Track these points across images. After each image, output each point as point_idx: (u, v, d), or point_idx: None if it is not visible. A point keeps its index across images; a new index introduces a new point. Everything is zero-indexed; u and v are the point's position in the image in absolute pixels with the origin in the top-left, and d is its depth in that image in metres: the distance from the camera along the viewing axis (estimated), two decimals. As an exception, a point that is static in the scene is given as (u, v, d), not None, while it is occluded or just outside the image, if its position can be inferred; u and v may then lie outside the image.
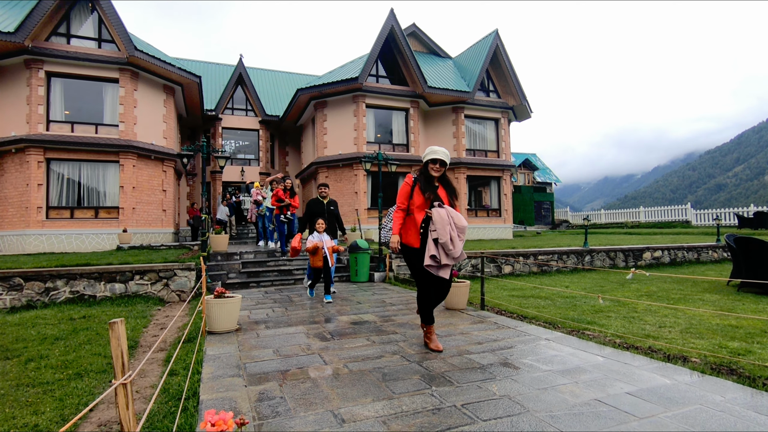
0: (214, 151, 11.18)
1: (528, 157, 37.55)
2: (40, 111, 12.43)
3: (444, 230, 3.57)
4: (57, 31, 12.86)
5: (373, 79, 16.87)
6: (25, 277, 6.87)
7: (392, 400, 2.75)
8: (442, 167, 3.83)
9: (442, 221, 3.60)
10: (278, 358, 3.74)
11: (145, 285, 7.44)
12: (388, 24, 16.20)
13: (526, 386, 2.96)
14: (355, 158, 15.84)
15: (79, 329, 5.10)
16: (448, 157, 3.84)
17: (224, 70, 23.75)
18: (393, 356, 3.73)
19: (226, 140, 21.48)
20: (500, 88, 19.14)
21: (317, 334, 4.60)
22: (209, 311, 4.69)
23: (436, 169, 3.82)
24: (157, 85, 14.39)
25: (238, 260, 9.47)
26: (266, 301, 6.75)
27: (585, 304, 6.16)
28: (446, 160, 3.82)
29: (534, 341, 4.18)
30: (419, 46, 21.06)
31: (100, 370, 3.63)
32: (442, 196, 3.82)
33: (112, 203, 13.22)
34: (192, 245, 12.00)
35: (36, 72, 12.38)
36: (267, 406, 2.71)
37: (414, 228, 3.77)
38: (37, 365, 3.79)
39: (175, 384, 3.19)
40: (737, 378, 3.12)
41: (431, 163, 3.83)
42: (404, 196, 3.86)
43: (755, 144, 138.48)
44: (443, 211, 3.66)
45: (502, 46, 18.19)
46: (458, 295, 5.80)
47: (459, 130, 17.95)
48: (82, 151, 12.77)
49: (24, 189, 12.23)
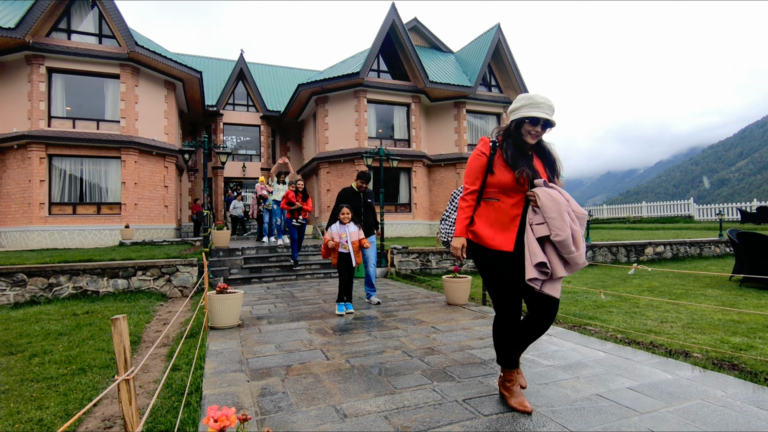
0: (215, 147, 11.18)
1: (530, 152, 37.48)
2: (41, 107, 12.43)
3: (561, 222, 2.26)
4: (58, 26, 12.83)
5: (375, 74, 16.81)
6: (29, 273, 6.90)
7: (394, 395, 2.76)
8: (543, 131, 2.44)
9: (558, 208, 2.28)
10: (280, 354, 3.75)
11: (148, 281, 7.47)
12: (390, 18, 16.11)
13: (528, 381, 2.96)
14: (357, 153, 15.81)
15: (82, 325, 5.12)
16: (553, 113, 2.38)
17: (225, 66, 23.68)
18: (395, 351, 3.74)
19: (227, 136, 21.46)
20: (502, 83, 19.05)
21: (319, 329, 4.61)
22: (211, 307, 4.70)
23: (535, 133, 2.41)
24: (158, 80, 14.36)
25: (240, 256, 9.49)
26: (268, 297, 6.77)
27: (587, 300, 6.16)
28: (552, 118, 2.38)
29: (535, 336, 4.18)
30: (421, 40, 20.96)
31: (103, 365, 3.65)
32: (540, 170, 2.47)
33: (114, 199, 13.25)
34: (194, 241, 12.03)
35: (37, 68, 12.37)
36: (269, 401, 2.72)
37: (499, 221, 2.45)
38: (41, 360, 3.81)
39: (177, 379, 3.21)
40: (739, 373, 3.12)
41: (529, 123, 2.39)
42: (477, 171, 2.51)
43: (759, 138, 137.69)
44: (554, 192, 2.34)
45: (504, 40, 18.08)
46: (460, 290, 5.80)
47: (461, 125, 17.89)
48: (84, 147, 12.77)
49: (26, 185, 12.25)
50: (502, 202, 2.46)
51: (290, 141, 22.76)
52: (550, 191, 2.33)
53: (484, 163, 2.50)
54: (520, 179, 2.37)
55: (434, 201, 18.11)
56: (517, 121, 2.43)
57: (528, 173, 2.37)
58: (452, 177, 17.77)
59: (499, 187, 2.45)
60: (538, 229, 2.33)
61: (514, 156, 2.42)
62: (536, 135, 2.42)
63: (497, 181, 2.44)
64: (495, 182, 2.46)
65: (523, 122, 2.40)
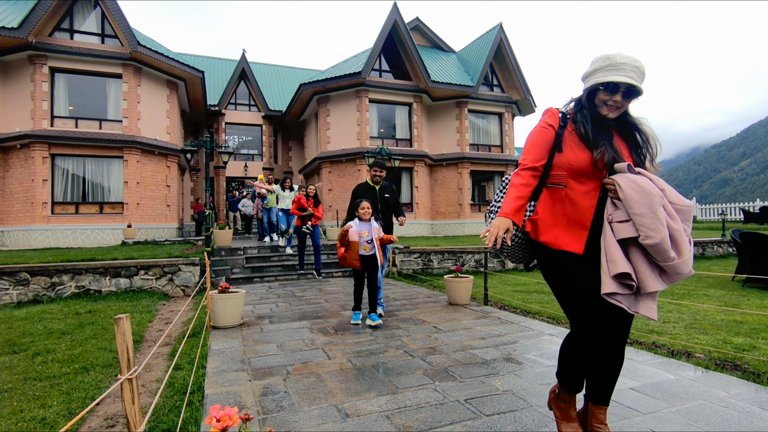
0: (217, 147, 11.24)
1: (532, 151, 37.41)
2: (44, 107, 12.47)
3: (654, 220, 1.71)
4: (60, 26, 12.87)
5: (376, 73, 16.81)
6: (32, 272, 6.93)
7: (396, 395, 2.77)
8: (627, 101, 1.87)
9: (648, 201, 1.73)
10: (282, 353, 3.76)
11: (150, 280, 7.49)
12: (392, 18, 16.11)
13: (530, 381, 2.96)
14: (358, 153, 15.82)
15: (85, 324, 5.14)
16: (642, 78, 1.82)
17: (227, 65, 23.71)
18: (396, 351, 3.74)
19: (229, 135, 21.49)
20: (504, 83, 19.03)
21: (321, 329, 4.62)
22: (213, 306, 4.71)
23: (613, 104, 1.87)
24: (160, 80, 14.39)
25: (242, 255, 9.50)
26: (270, 296, 6.78)
27: (588, 300, 6.15)
28: (640, 85, 1.80)
29: (537, 336, 4.18)
30: (422, 40, 20.95)
31: (106, 364, 3.67)
32: (623, 152, 1.92)
33: (116, 198, 13.28)
34: (196, 240, 12.06)
35: (40, 67, 12.41)
36: (271, 400, 2.73)
37: (566, 214, 1.91)
38: (44, 359, 3.82)
39: (180, 378, 3.22)
40: (741, 374, 3.12)
41: (604, 91, 1.85)
42: (542, 146, 1.96)
43: (762, 138, 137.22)
44: (643, 180, 1.77)
45: (506, 40, 18.06)
46: (461, 290, 5.80)
47: (462, 124, 17.88)
48: (87, 147, 12.81)
49: (29, 184, 12.30)
50: (571, 189, 1.91)
51: (292, 140, 22.78)
52: (637, 179, 1.77)
53: (551, 137, 1.95)
54: (600, 162, 1.83)
55: (436, 201, 18.11)
56: (590, 89, 1.91)
57: (611, 154, 1.84)
58: (454, 177, 17.77)
59: (569, 170, 1.91)
60: (620, 229, 1.79)
61: (594, 131, 1.88)
62: (616, 107, 1.87)
63: (567, 162, 1.90)
64: (564, 163, 1.91)
65: (596, 90, 1.89)
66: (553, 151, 1.96)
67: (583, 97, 1.96)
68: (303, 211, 8.27)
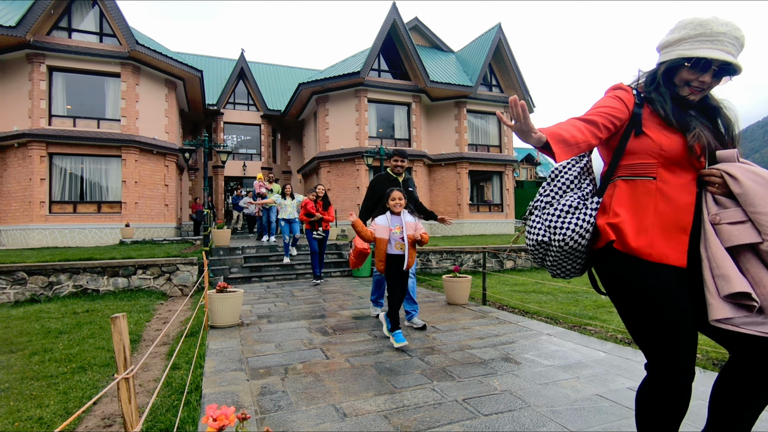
0: (215, 146, 11.19)
1: (530, 152, 37.49)
2: (42, 105, 12.43)
3: None
4: (58, 25, 12.83)
5: (375, 73, 16.80)
6: (29, 272, 6.91)
7: (394, 395, 2.76)
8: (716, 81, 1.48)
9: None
10: (280, 353, 3.75)
11: (148, 279, 7.47)
12: (390, 18, 16.10)
13: (528, 381, 2.97)
14: (357, 153, 15.82)
15: (82, 323, 5.13)
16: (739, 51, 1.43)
17: (226, 65, 23.68)
18: (394, 351, 3.74)
19: (227, 135, 21.46)
20: (503, 83, 19.05)
21: (319, 328, 4.61)
22: (211, 306, 4.71)
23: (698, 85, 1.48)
24: (158, 79, 14.36)
25: (240, 255, 9.49)
26: (268, 296, 6.77)
27: (587, 300, 6.16)
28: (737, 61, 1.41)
29: (535, 336, 4.18)
30: (421, 40, 20.95)
31: (103, 364, 3.66)
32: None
33: (114, 198, 13.25)
34: (194, 240, 12.04)
35: (38, 66, 12.37)
36: (269, 400, 2.72)
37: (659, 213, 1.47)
38: (42, 359, 3.81)
39: (177, 378, 3.21)
40: (739, 373, 3.12)
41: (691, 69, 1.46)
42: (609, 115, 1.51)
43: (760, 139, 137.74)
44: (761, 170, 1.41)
45: (504, 40, 18.07)
46: (460, 290, 5.80)
47: (461, 124, 17.89)
48: (85, 146, 12.78)
49: (27, 183, 12.26)
50: (663, 182, 1.47)
51: (291, 140, 22.76)
52: (757, 169, 1.39)
53: (624, 112, 1.52)
54: (696, 146, 1.44)
55: (434, 200, 18.12)
56: (670, 64, 1.48)
57: (708, 139, 1.46)
58: (452, 177, 17.78)
59: (659, 157, 1.47)
60: (733, 233, 1.37)
61: (676, 112, 1.49)
62: (701, 88, 1.47)
63: (658, 147, 1.47)
64: (653, 148, 1.48)
65: (679, 66, 1.47)
66: (627, 133, 1.53)
67: (660, 72, 1.53)
68: (311, 217, 7.61)
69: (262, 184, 11.96)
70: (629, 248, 1.46)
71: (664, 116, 1.49)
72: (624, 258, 1.48)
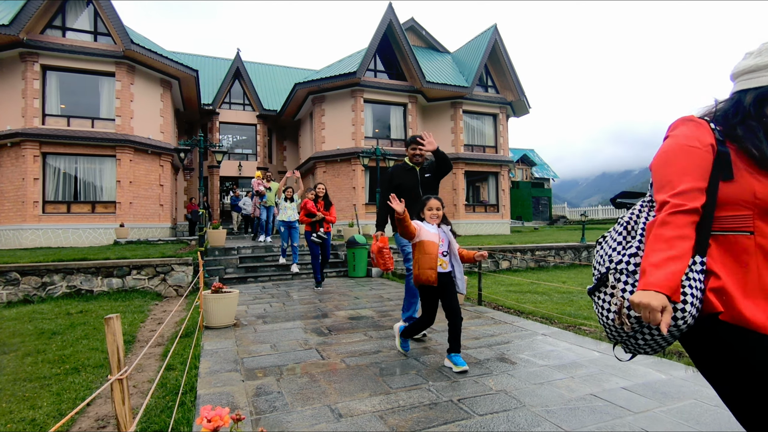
0: (211, 146, 11.14)
1: (526, 152, 37.59)
2: (35, 105, 12.34)
3: None
4: (52, 23, 12.75)
5: (372, 73, 16.81)
6: (22, 272, 6.85)
7: (389, 395, 2.76)
8: None
9: None
10: (276, 353, 3.74)
11: (143, 280, 7.43)
12: (387, 18, 16.12)
13: (523, 381, 2.98)
14: (353, 153, 15.81)
15: (76, 324, 5.09)
16: None
17: (221, 64, 23.60)
18: (390, 351, 3.74)
19: (223, 135, 21.39)
20: (499, 84, 19.10)
21: (315, 329, 4.61)
22: (207, 306, 4.69)
23: None
24: (153, 78, 14.29)
25: (235, 255, 9.46)
26: (264, 296, 6.76)
27: (582, 300, 6.19)
28: None
29: (531, 336, 4.20)
30: (418, 40, 20.97)
31: (97, 365, 3.63)
32: None
33: (108, 198, 13.17)
34: (189, 240, 11.98)
35: (31, 65, 12.28)
36: (264, 400, 2.72)
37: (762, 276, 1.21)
38: (35, 360, 3.78)
39: (172, 379, 3.20)
40: (732, 373, 3.15)
41: None
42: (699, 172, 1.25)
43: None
44: None
45: (500, 41, 18.13)
46: (456, 290, 5.80)
47: (457, 125, 17.93)
48: (79, 146, 12.69)
49: (20, 183, 12.16)
50: (762, 236, 1.23)
51: (287, 140, 22.71)
52: None
53: (708, 160, 1.26)
54: None
55: (431, 201, 18.15)
56: (760, 92, 1.27)
57: None
58: (448, 177, 17.79)
59: (752, 207, 1.24)
60: None
61: None
62: None
63: (747, 196, 1.23)
64: (741, 198, 1.24)
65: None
66: (714, 179, 1.26)
67: (747, 102, 1.29)
68: (312, 217, 7.11)
69: (260, 182, 11.92)
70: (743, 320, 1.19)
71: (757, 156, 1.22)
72: (729, 329, 1.22)
